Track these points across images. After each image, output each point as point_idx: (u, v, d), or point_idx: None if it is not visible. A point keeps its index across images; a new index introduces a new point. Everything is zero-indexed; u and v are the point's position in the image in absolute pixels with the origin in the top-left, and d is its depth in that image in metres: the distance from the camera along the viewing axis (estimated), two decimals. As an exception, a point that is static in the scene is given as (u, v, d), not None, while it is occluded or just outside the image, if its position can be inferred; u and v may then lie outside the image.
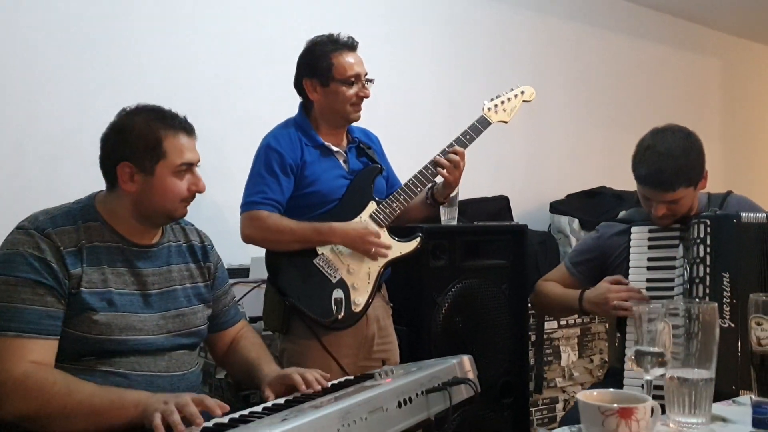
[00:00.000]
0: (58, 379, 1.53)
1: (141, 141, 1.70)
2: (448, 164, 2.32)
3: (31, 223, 1.64)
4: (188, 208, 1.88)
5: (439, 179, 2.39)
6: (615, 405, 1.10)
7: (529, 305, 2.81)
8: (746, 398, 1.42)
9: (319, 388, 1.72)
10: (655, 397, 1.25)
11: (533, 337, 3.25)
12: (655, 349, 1.29)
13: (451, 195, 2.59)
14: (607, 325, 3.47)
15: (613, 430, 1.09)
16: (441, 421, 1.79)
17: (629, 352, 1.35)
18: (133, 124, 1.72)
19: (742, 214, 1.98)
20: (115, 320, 1.65)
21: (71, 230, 1.66)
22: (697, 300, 1.92)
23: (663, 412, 1.26)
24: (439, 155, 2.35)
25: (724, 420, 1.39)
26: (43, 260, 1.59)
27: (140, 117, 1.74)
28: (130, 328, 1.67)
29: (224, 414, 1.50)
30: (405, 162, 2.61)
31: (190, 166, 1.76)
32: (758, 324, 1.31)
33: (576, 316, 3.45)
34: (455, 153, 2.33)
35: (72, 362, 1.60)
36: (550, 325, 3.39)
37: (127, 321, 1.67)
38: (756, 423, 1.33)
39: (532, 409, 3.18)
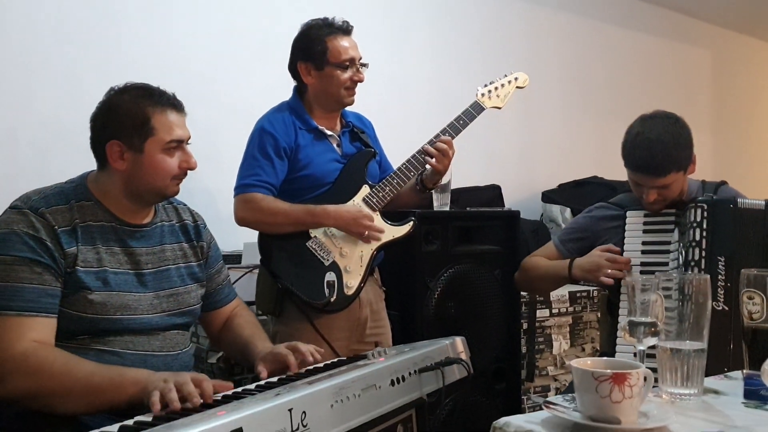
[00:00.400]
0: (57, 357, 1.53)
1: (129, 119, 1.70)
2: (436, 153, 2.32)
3: (25, 203, 1.64)
4: (181, 195, 1.89)
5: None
6: (609, 371, 1.11)
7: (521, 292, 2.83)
8: (738, 373, 1.43)
9: (311, 359, 1.72)
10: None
11: (525, 325, 3.26)
12: (648, 319, 1.30)
13: (444, 181, 2.60)
14: (599, 314, 3.49)
15: (606, 395, 1.10)
16: (433, 405, 1.81)
17: (622, 322, 1.36)
18: (121, 102, 1.72)
19: (739, 200, 2.02)
20: (110, 299, 1.64)
21: (64, 209, 1.66)
22: (690, 272, 1.94)
23: (655, 382, 1.27)
24: (427, 144, 2.36)
25: (716, 392, 1.40)
26: (39, 239, 1.59)
27: (128, 95, 1.73)
28: (124, 308, 1.67)
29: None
30: (398, 148, 2.61)
31: (180, 143, 1.75)
32: (750, 298, 1.32)
33: (568, 304, 3.46)
34: (443, 142, 2.34)
35: (66, 341, 1.60)
36: (542, 313, 3.39)
37: (122, 300, 1.67)
38: (747, 394, 1.34)
39: (524, 397, 3.19)
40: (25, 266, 1.56)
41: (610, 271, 2.06)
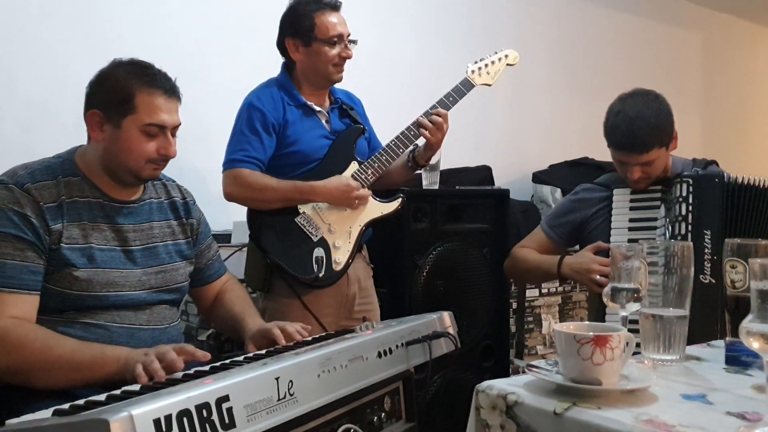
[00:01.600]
0: (38, 334, 1.53)
1: (114, 92, 1.69)
2: (430, 126, 2.33)
3: (11, 178, 1.63)
4: (170, 173, 1.87)
5: (420, 141, 2.39)
6: (591, 333, 1.12)
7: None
8: (721, 342, 1.44)
9: (299, 338, 1.73)
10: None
11: (514, 305, 3.28)
12: (631, 285, 1.31)
13: (433, 161, 2.60)
14: (588, 294, 3.51)
15: (588, 358, 1.11)
16: (421, 381, 1.82)
17: (606, 290, 1.37)
18: (113, 74, 1.71)
19: (725, 174, 2.03)
20: (95, 276, 1.64)
21: (51, 185, 1.65)
22: (674, 239, 1.96)
23: (637, 346, 1.29)
24: (422, 116, 2.35)
25: (698, 359, 1.42)
26: (23, 215, 1.58)
27: (123, 69, 1.72)
28: (111, 284, 1.67)
29: (206, 363, 1.51)
30: (386, 126, 2.60)
31: (162, 129, 1.71)
32: (733, 267, 1.33)
33: (557, 283, 3.49)
34: (438, 115, 2.34)
35: (53, 315, 1.60)
36: (531, 293, 3.41)
37: (108, 277, 1.67)
38: (729, 360, 1.36)
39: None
40: (8, 242, 1.56)
41: (598, 277, 2.04)
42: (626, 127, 2.05)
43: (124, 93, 1.68)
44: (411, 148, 2.39)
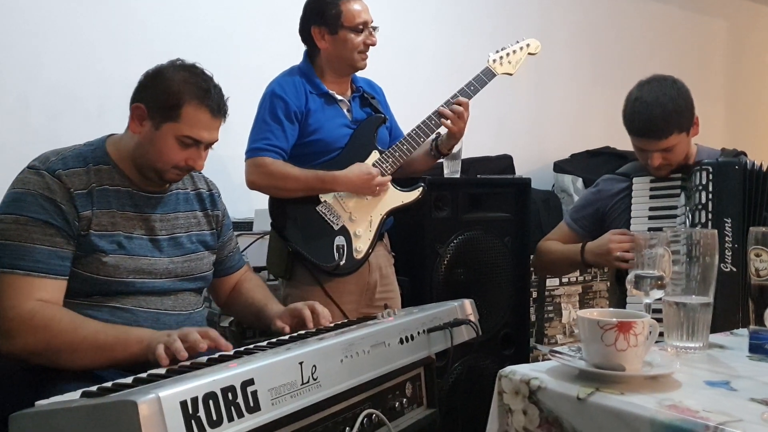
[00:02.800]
0: (63, 316, 1.56)
1: (164, 94, 1.69)
2: (451, 115, 2.33)
3: (42, 164, 1.66)
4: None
5: (443, 130, 2.39)
6: (614, 319, 1.12)
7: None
8: (744, 330, 1.44)
9: (328, 316, 1.76)
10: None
11: (535, 294, 3.27)
12: (654, 273, 1.31)
13: (454, 150, 2.60)
14: (609, 283, 3.49)
15: (611, 344, 1.11)
16: (442, 369, 1.83)
17: (629, 277, 1.37)
18: (170, 76, 1.71)
19: (746, 161, 2.00)
20: (123, 262, 1.67)
21: (82, 172, 1.67)
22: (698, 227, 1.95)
23: (661, 334, 1.28)
24: (443, 106, 2.36)
25: (721, 347, 1.41)
26: (53, 201, 1.61)
27: (180, 75, 1.71)
28: (138, 271, 1.69)
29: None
30: (407, 114, 2.61)
31: (197, 143, 1.72)
32: (757, 256, 1.32)
33: (578, 273, 3.47)
34: (459, 104, 2.34)
35: (80, 298, 1.63)
36: (551, 282, 3.40)
37: (136, 264, 1.69)
38: (753, 348, 1.35)
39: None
40: (38, 227, 1.58)
41: (619, 253, 2.05)
42: (644, 113, 2.05)
43: (174, 100, 1.68)
44: (433, 136, 2.40)
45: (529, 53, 2.56)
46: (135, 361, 1.50)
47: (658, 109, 2.03)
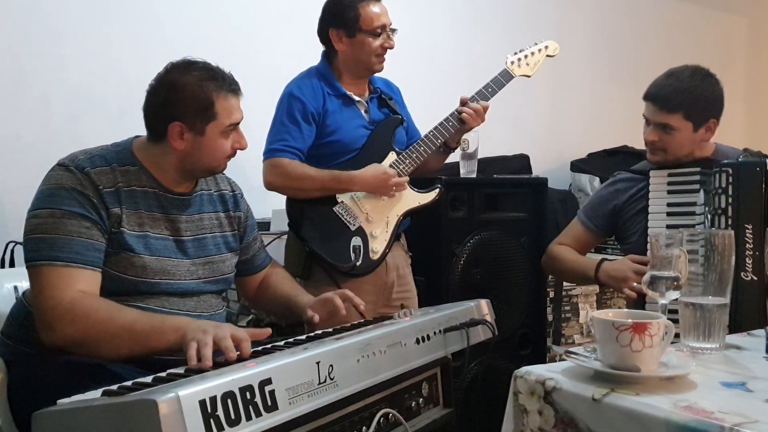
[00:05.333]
0: (102, 305, 1.59)
1: (194, 101, 1.71)
2: (470, 111, 2.34)
3: (72, 161, 1.68)
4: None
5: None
6: (629, 320, 1.12)
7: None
8: (761, 331, 1.43)
9: (361, 304, 1.82)
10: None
11: (552, 294, 3.26)
12: (670, 273, 1.31)
13: (470, 149, 2.61)
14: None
15: (626, 344, 1.12)
16: (459, 369, 1.83)
17: (645, 277, 1.36)
18: (186, 83, 1.72)
19: (765, 162, 1.95)
20: (150, 264, 1.69)
21: (107, 171, 1.70)
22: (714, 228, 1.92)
23: (677, 335, 1.28)
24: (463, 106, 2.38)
25: (738, 348, 1.41)
26: (86, 195, 1.64)
27: (192, 76, 1.73)
28: (163, 272, 1.72)
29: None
30: (425, 115, 2.61)
31: (236, 126, 1.79)
32: (774, 257, 1.32)
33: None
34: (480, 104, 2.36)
35: (107, 296, 1.64)
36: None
37: (162, 265, 1.72)
38: (770, 349, 1.35)
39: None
40: (75, 220, 1.61)
41: (635, 284, 1.99)
42: (661, 81, 2.09)
43: (205, 101, 1.71)
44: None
45: (548, 55, 2.56)
46: (171, 350, 1.53)
47: (676, 82, 2.06)
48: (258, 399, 1.13)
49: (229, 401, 1.09)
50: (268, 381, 1.16)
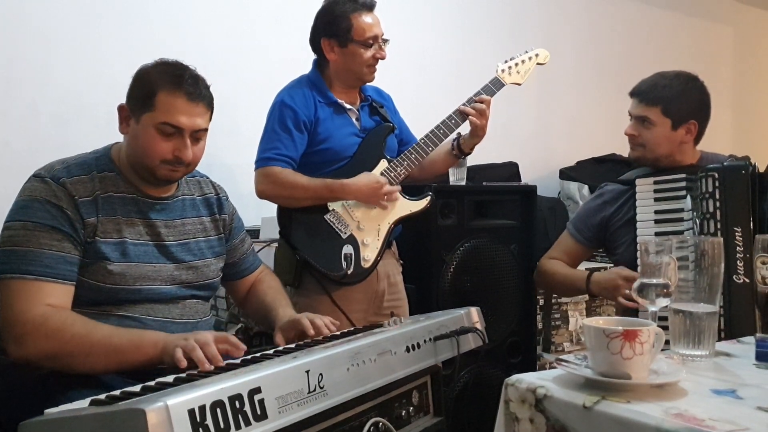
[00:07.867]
0: (76, 320, 1.57)
1: (140, 88, 1.72)
2: (474, 111, 2.35)
3: (48, 172, 1.67)
4: (200, 170, 1.90)
5: (463, 130, 2.42)
6: (620, 328, 1.12)
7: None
8: (750, 338, 1.44)
9: (327, 332, 1.75)
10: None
11: (541, 301, 3.26)
12: (660, 281, 1.31)
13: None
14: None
15: (617, 352, 1.12)
16: (449, 377, 1.83)
17: (635, 285, 1.37)
18: (146, 71, 1.74)
19: (752, 165, 1.97)
20: (128, 270, 1.67)
21: (86, 180, 1.69)
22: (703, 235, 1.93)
23: (667, 342, 1.28)
24: (464, 104, 2.39)
25: (728, 355, 1.41)
26: (59, 207, 1.62)
27: (156, 68, 1.74)
28: (144, 278, 1.70)
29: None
30: (415, 122, 2.62)
31: (179, 130, 1.70)
32: (764, 263, 1.33)
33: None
34: (481, 101, 2.37)
35: (88, 307, 1.64)
36: (558, 289, 3.39)
37: (141, 271, 1.70)
38: (759, 356, 1.35)
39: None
40: (46, 233, 1.59)
41: (627, 292, 2.00)
42: (647, 79, 2.17)
43: (148, 90, 1.70)
44: (454, 135, 2.41)
45: (538, 63, 2.58)
46: (149, 364, 1.51)
47: (659, 79, 2.15)
48: (247, 408, 1.12)
49: (218, 410, 1.08)
50: (258, 390, 1.15)
